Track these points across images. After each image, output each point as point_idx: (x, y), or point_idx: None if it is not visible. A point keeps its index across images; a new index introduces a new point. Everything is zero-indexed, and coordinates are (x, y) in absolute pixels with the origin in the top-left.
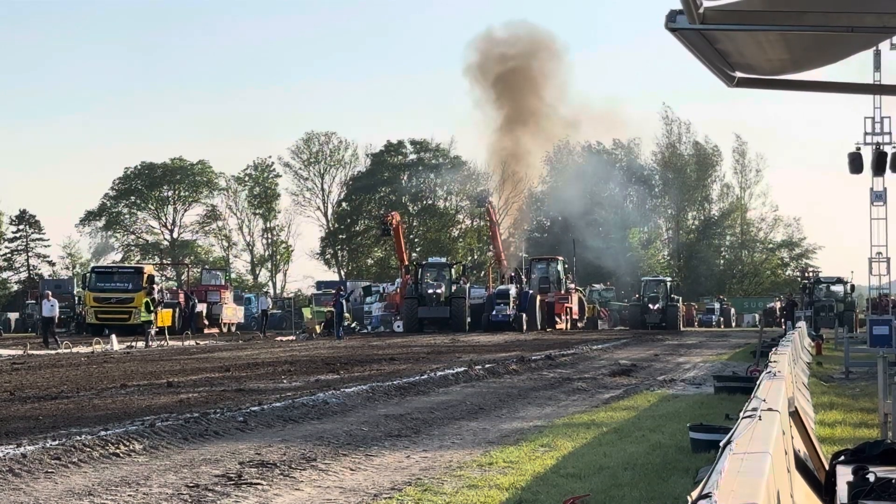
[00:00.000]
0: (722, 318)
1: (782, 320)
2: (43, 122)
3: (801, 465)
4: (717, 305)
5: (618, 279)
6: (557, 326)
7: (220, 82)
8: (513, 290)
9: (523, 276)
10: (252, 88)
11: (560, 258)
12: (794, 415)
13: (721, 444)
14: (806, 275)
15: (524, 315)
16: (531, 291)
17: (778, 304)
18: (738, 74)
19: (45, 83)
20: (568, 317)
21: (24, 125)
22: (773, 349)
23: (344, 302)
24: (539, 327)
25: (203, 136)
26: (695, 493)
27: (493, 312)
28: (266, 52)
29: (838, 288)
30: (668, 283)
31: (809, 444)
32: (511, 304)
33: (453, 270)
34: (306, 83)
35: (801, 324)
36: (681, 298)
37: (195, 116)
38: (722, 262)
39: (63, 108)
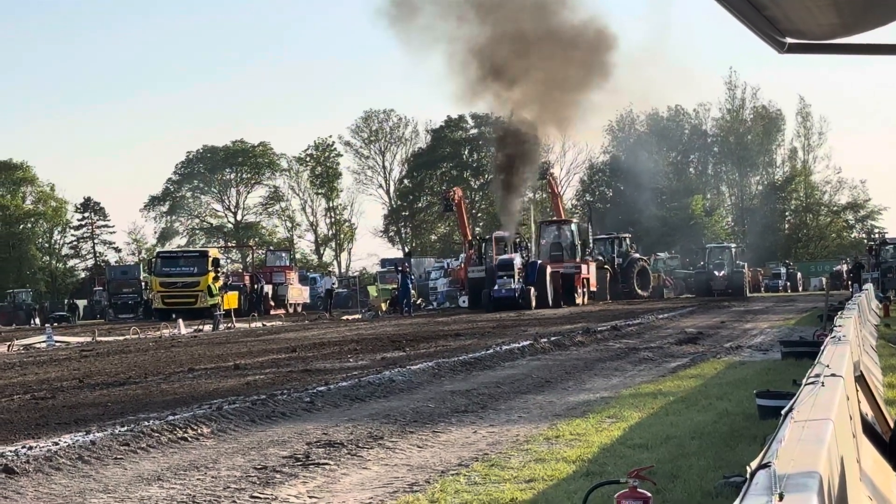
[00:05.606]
0: (788, 283)
1: (849, 283)
2: (104, 109)
3: (868, 429)
4: (783, 270)
5: (682, 247)
6: (577, 301)
7: (277, 63)
8: (517, 261)
9: (531, 244)
10: (310, 68)
11: (574, 221)
12: (860, 379)
13: (782, 412)
14: (872, 236)
15: (532, 289)
16: (539, 261)
17: (844, 267)
18: (789, 40)
19: (105, 70)
20: (585, 289)
21: (85, 113)
22: (839, 313)
23: (408, 277)
24: (551, 303)
25: (263, 118)
26: (754, 463)
27: (496, 287)
28: (321, 30)
29: None
30: (733, 250)
31: (876, 408)
32: (516, 277)
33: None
34: (363, 61)
35: (868, 286)
36: (746, 264)
37: (254, 98)
38: (787, 226)
39: (123, 95)
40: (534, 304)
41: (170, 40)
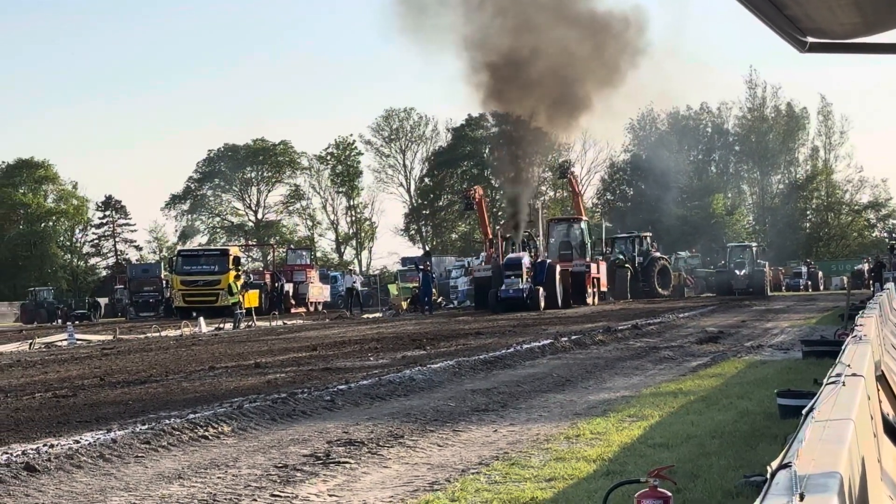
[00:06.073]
0: (809, 282)
1: (870, 282)
2: (125, 108)
3: (889, 429)
4: (804, 269)
5: (703, 246)
6: (587, 301)
7: (297, 61)
8: (526, 260)
9: (539, 242)
10: (331, 66)
11: (584, 218)
12: (882, 378)
13: (803, 411)
14: (893, 235)
15: (541, 289)
16: (549, 260)
17: (866, 266)
18: (810, 40)
19: (126, 68)
20: (596, 289)
21: (106, 111)
22: (861, 312)
23: (429, 275)
24: (560, 304)
25: (284, 117)
26: (775, 463)
27: (503, 287)
28: (342, 28)
29: None
30: (754, 249)
31: None
32: (524, 277)
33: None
34: (384, 59)
35: (890, 285)
36: (767, 263)
37: (275, 97)
38: (808, 225)
39: (144, 93)
40: (542, 304)
41: (191, 37)
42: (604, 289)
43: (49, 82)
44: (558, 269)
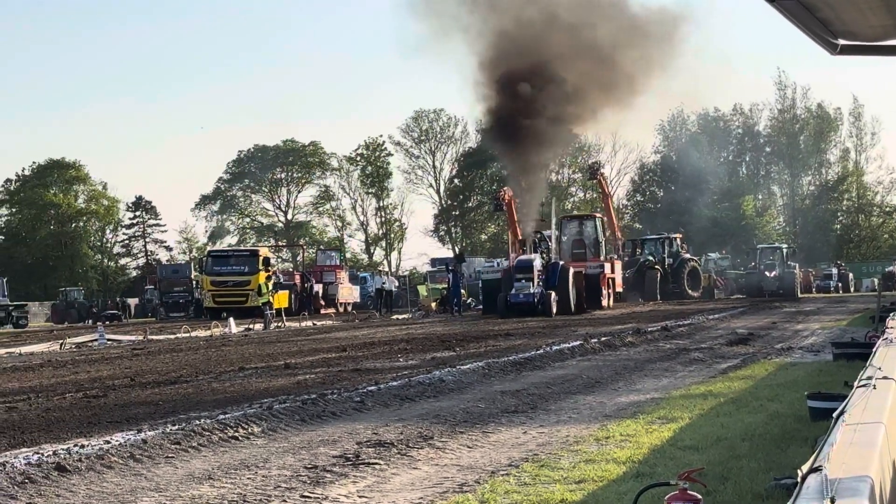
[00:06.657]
0: (840, 284)
1: None
2: (155, 108)
3: None
4: (834, 271)
5: (733, 247)
6: (602, 304)
7: (327, 61)
8: (537, 262)
9: (551, 243)
10: (360, 66)
11: (598, 216)
12: None
13: (834, 415)
14: None
15: (553, 293)
16: (562, 262)
17: None
18: (841, 42)
19: (156, 68)
20: (611, 290)
21: (137, 111)
22: (892, 314)
23: (458, 276)
24: (573, 309)
25: (314, 117)
26: (805, 467)
27: (513, 291)
28: (371, 28)
29: None
30: (785, 250)
31: None
32: (535, 280)
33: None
34: (412, 59)
35: None
36: (797, 265)
37: (305, 97)
38: (839, 227)
39: (174, 93)
40: (555, 309)
41: (221, 37)
42: (619, 289)
43: (80, 82)
44: (571, 271)
